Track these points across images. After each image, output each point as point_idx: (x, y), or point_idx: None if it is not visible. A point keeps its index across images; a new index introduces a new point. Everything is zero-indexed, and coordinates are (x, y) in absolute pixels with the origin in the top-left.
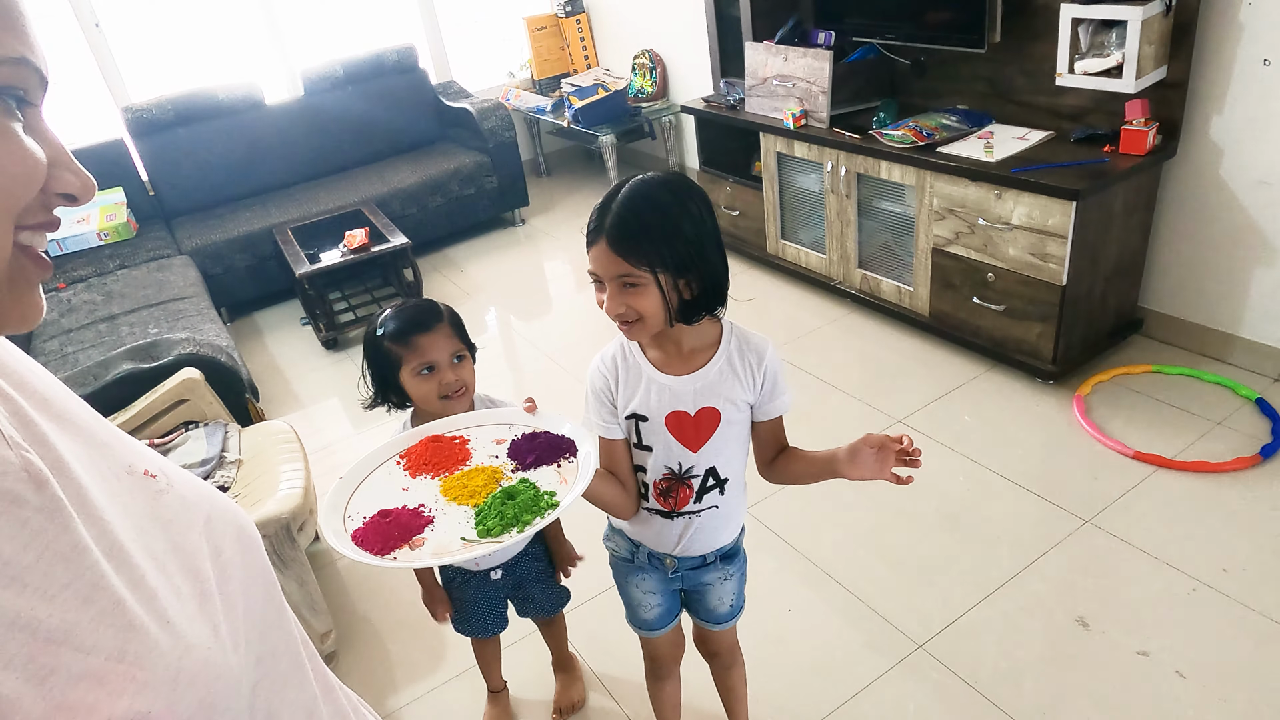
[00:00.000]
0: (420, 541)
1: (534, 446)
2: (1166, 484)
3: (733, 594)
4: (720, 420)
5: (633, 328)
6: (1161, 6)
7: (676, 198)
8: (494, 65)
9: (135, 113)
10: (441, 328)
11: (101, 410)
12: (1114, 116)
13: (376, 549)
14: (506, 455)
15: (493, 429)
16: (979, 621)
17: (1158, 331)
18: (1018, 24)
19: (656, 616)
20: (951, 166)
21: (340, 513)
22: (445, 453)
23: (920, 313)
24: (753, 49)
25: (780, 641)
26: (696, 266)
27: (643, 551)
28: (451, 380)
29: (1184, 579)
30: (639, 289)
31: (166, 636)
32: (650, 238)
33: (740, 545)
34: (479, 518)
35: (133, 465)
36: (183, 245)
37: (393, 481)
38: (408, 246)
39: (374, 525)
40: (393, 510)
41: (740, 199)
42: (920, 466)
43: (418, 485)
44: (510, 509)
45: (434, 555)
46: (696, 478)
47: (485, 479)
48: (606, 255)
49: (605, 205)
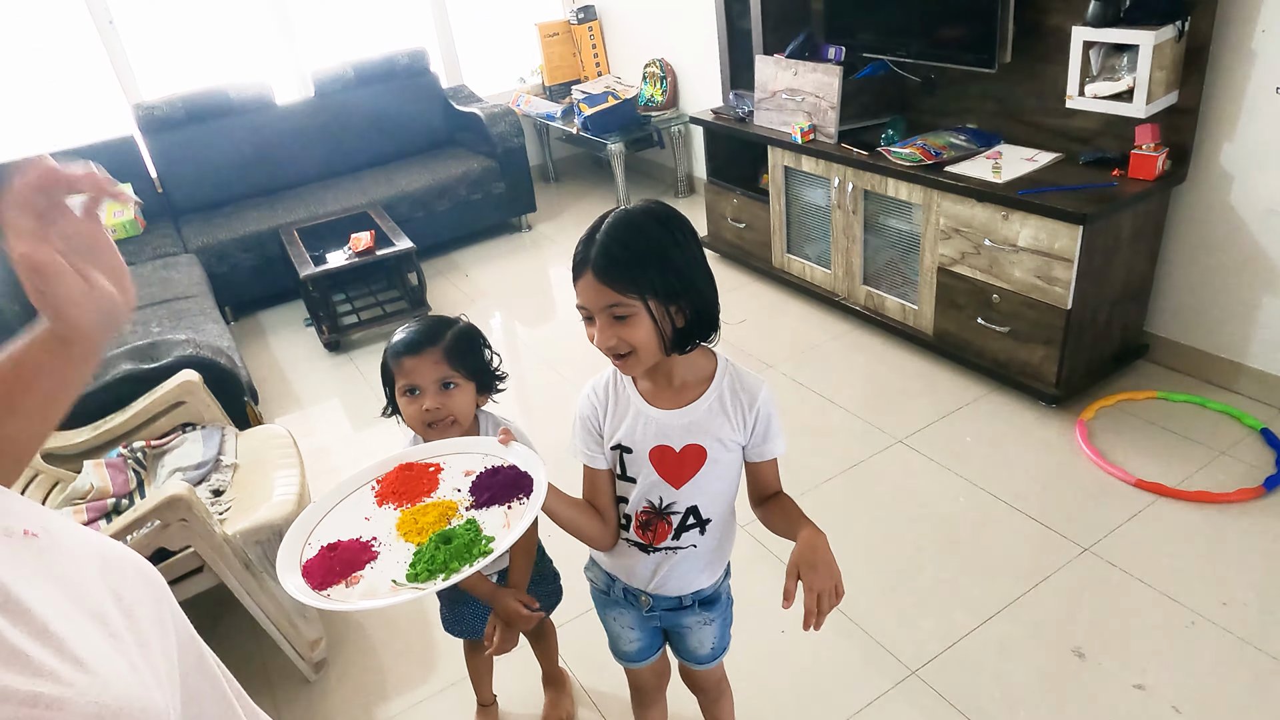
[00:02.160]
0: (357, 579)
1: (494, 483)
2: (1168, 513)
3: (714, 638)
4: (706, 459)
5: (626, 361)
6: (1174, 32)
7: (661, 225)
8: (505, 70)
9: (146, 110)
10: (431, 352)
11: (100, 410)
12: (1123, 140)
13: (316, 583)
14: (468, 490)
15: (467, 458)
16: (974, 648)
17: (1163, 357)
18: (1029, 45)
19: (636, 650)
20: (959, 186)
21: (303, 539)
22: (415, 482)
23: (924, 331)
24: (763, 62)
25: (772, 662)
26: (685, 293)
27: (618, 586)
28: (432, 408)
29: (1183, 611)
30: (629, 319)
31: (83, 677)
32: (637, 265)
33: (722, 591)
34: (415, 559)
35: (10, 527)
36: (189, 243)
37: (360, 509)
38: (412, 251)
39: (322, 557)
40: (341, 543)
41: (747, 212)
42: (807, 630)
43: (380, 515)
44: (442, 554)
45: (363, 597)
46: (676, 514)
47: (437, 515)
48: (594, 286)
49: (589, 237)
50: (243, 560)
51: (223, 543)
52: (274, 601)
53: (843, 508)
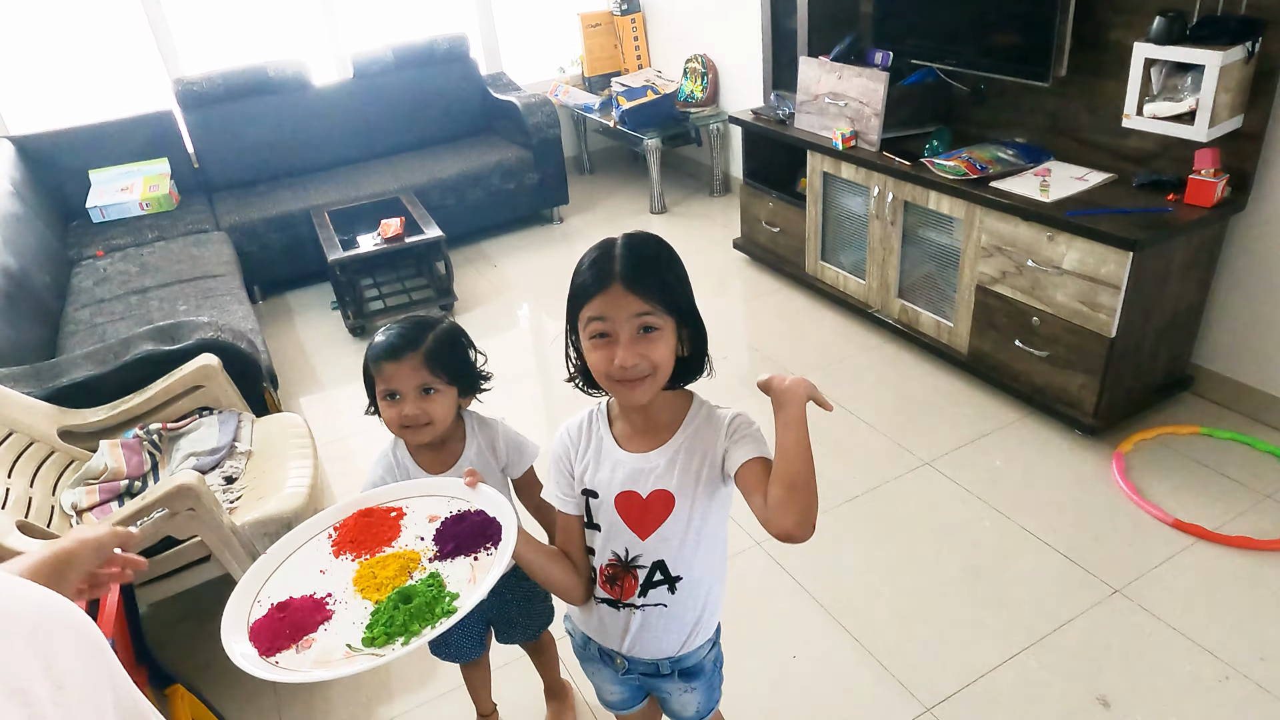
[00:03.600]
0: (309, 643)
1: (459, 531)
2: (1206, 557)
3: (698, 703)
4: (673, 507)
5: (641, 385)
6: (1243, 53)
7: (668, 248)
8: (545, 59)
9: (186, 85)
10: (412, 358)
11: (118, 391)
12: (1181, 164)
13: (264, 648)
14: (432, 538)
15: (431, 501)
16: (993, 689)
17: (1209, 391)
18: (1087, 59)
19: (619, 700)
20: (1003, 203)
21: (252, 596)
22: (375, 529)
23: (959, 350)
24: (807, 64)
25: (781, 688)
26: (693, 321)
27: (593, 646)
28: (410, 414)
29: (1216, 664)
30: (656, 334)
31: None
32: (663, 277)
33: (706, 661)
34: (372, 619)
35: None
36: (221, 221)
37: (316, 561)
38: (441, 240)
39: (270, 618)
40: (292, 601)
41: (782, 216)
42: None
43: (336, 568)
44: (401, 615)
45: (315, 664)
46: (643, 569)
47: (397, 568)
48: (622, 297)
49: (605, 254)
50: (250, 552)
51: (230, 534)
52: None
53: (865, 529)
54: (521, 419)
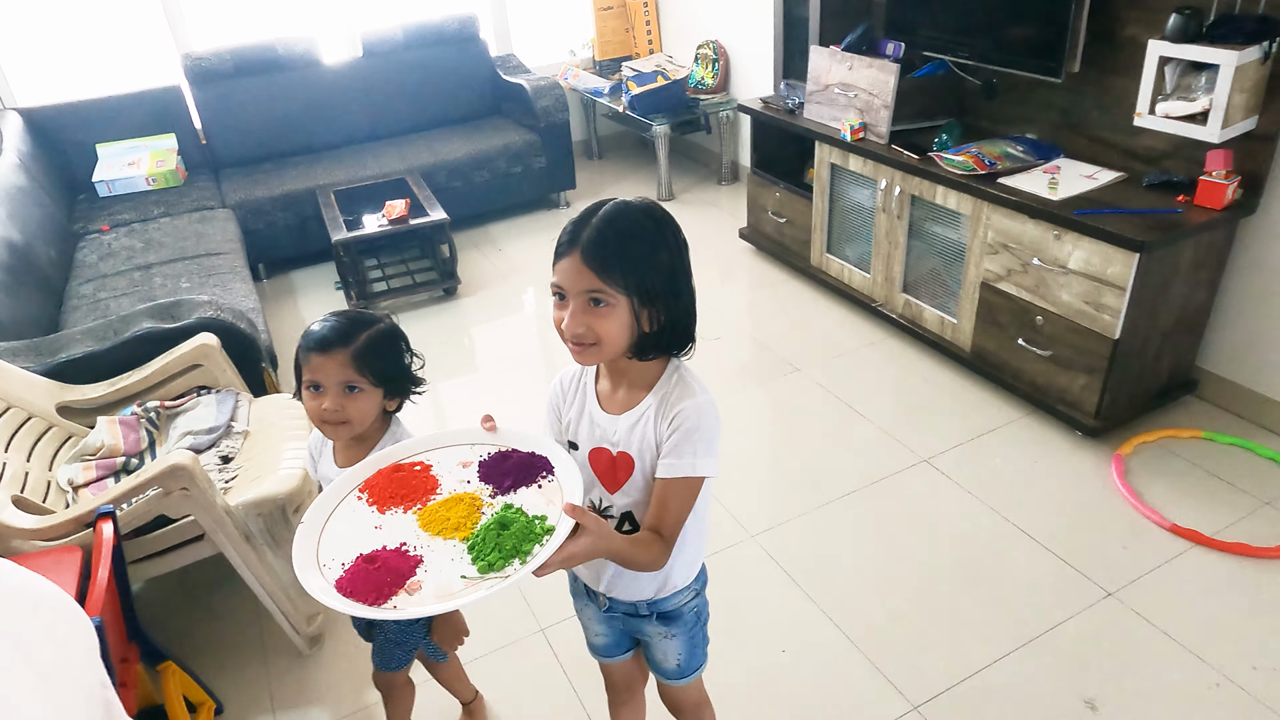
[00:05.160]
0: (416, 585)
1: (507, 468)
2: (1202, 563)
3: (678, 654)
4: (633, 469)
5: (587, 351)
6: (1260, 54)
7: (657, 225)
8: (555, 42)
9: (195, 60)
10: (339, 354)
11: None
12: (1192, 164)
13: (371, 598)
14: (479, 479)
15: (454, 450)
16: (981, 689)
17: (1212, 395)
18: (1100, 55)
19: (604, 645)
20: (1011, 200)
21: (314, 563)
22: (411, 482)
23: (961, 347)
24: (818, 53)
25: (769, 682)
26: (665, 300)
27: (580, 582)
28: (329, 409)
29: (1208, 671)
30: (605, 309)
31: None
32: (627, 257)
33: (686, 609)
34: (475, 552)
35: None
36: (227, 198)
37: (361, 519)
38: (446, 222)
39: (360, 572)
40: (377, 553)
41: (789, 206)
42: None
43: (391, 521)
44: (508, 539)
45: (439, 598)
46: (613, 518)
47: (466, 508)
48: (578, 268)
49: (583, 220)
50: (244, 532)
51: (224, 514)
52: (272, 574)
53: (860, 524)
54: (522, 403)
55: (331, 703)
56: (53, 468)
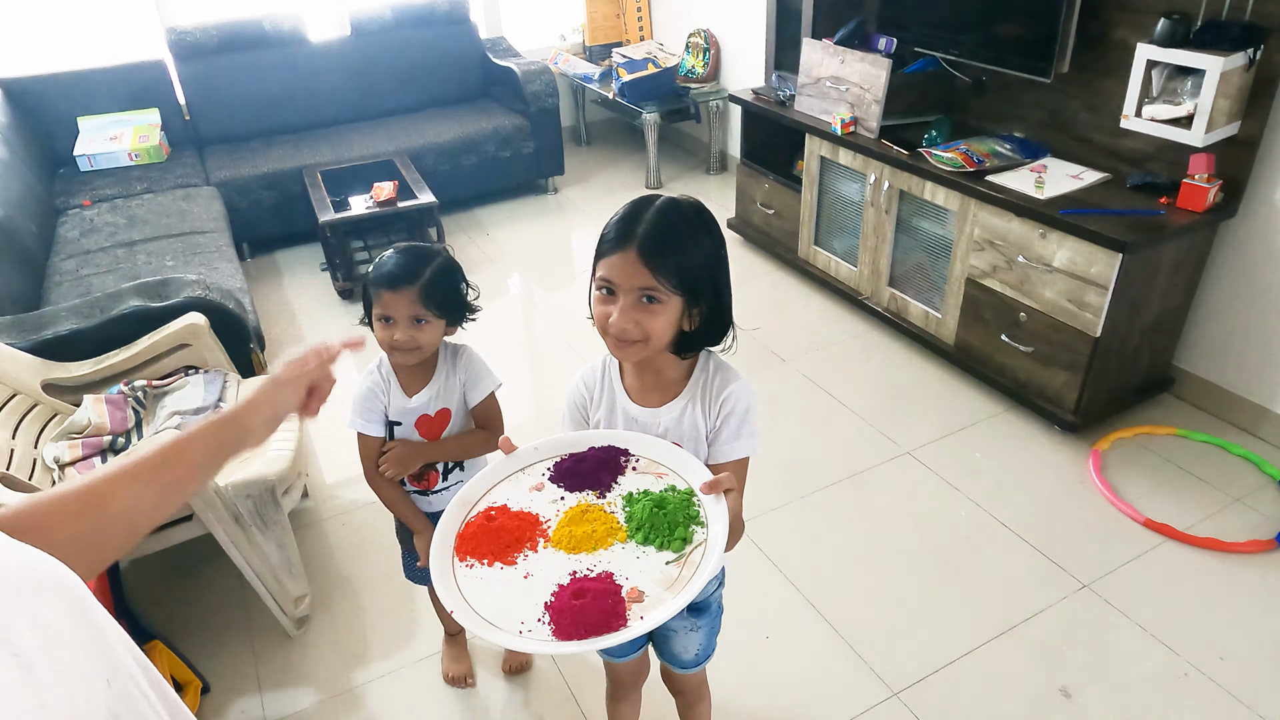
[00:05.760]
0: (635, 591)
1: (587, 470)
2: (1174, 557)
3: (699, 644)
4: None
5: (631, 348)
6: (1245, 60)
7: (705, 225)
8: (546, 26)
9: (179, 35)
10: (408, 291)
11: (103, 345)
12: (1176, 167)
13: (615, 624)
14: (570, 491)
15: (509, 483)
16: (958, 676)
17: (1188, 394)
18: (1089, 57)
19: (619, 646)
20: (998, 198)
21: (509, 636)
22: (509, 527)
23: (945, 341)
24: (810, 46)
25: (753, 669)
26: (709, 299)
27: None
28: (401, 340)
29: (1177, 661)
30: (657, 306)
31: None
32: (683, 256)
33: (713, 599)
34: (657, 541)
35: None
36: (212, 176)
37: (503, 577)
38: (434, 205)
39: (578, 610)
40: (582, 583)
41: (777, 198)
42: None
43: (533, 564)
44: (676, 513)
45: (670, 590)
46: None
47: (596, 515)
48: (634, 264)
49: (635, 214)
50: (232, 513)
51: (214, 495)
52: (260, 555)
53: (842, 516)
54: (508, 388)
55: (318, 684)
56: (38, 445)
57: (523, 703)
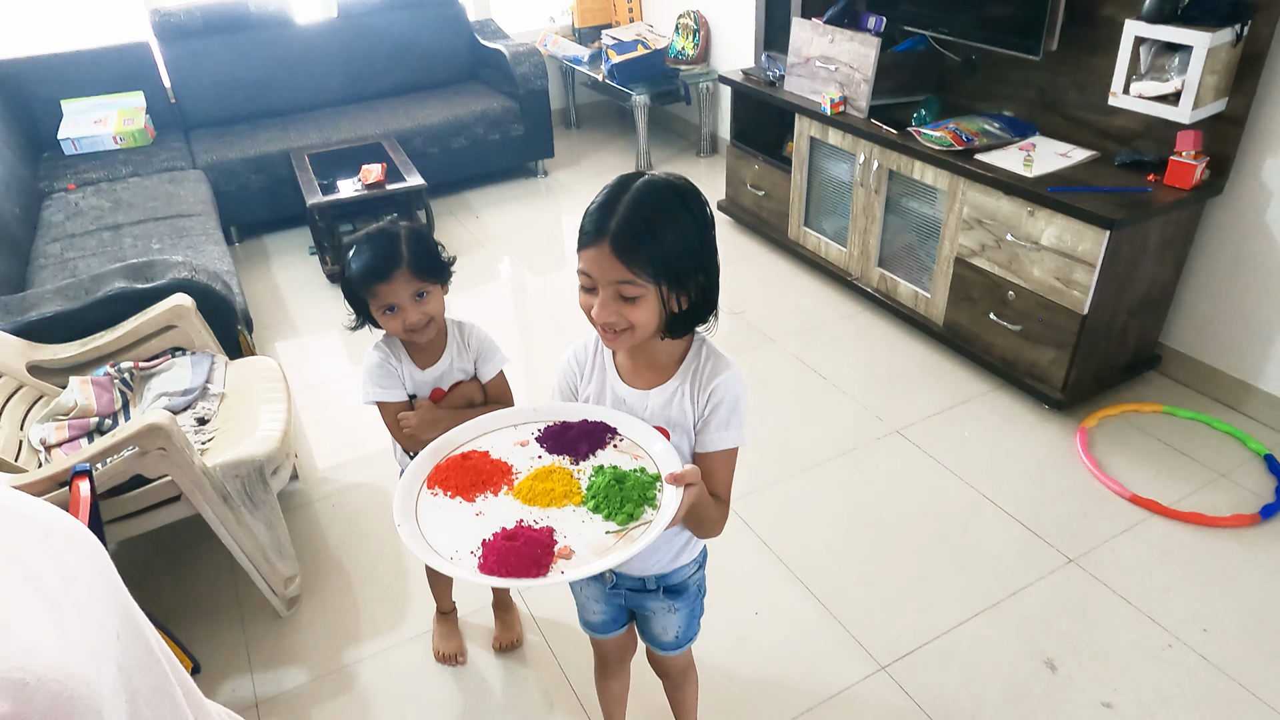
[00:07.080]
0: (567, 550)
1: (572, 437)
2: (1159, 532)
3: (678, 627)
4: (669, 440)
5: (619, 337)
6: (1232, 36)
7: (685, 205)
8: (535, 7)
9: (164, 16)
10: (400, 274)
11: (89, 327)
12: (1163, 144)
13: (534, 571)
14: (549, 453)
15: (500, 434)
16: (946, 650)
17: (1174, 371)
18: (1078, 35)
19: (601, 622)
20: (987, 176)
21: (437, 557)
22: (483, 469)
23: (934, 321)
24: (799, 25)
25: (742, 645)
26: (696, 280)
27: None
28: (413, 320)
29: (1161, 633)
30: (637, 299)
31: (4, 641)
32: (658, 246)
33: (691, 582)
34: (605, 510)
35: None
36: (198, 159)
37: (456, 510)
38: (423, 188)
39: (507, 550)
40: (518, 529)
41: (767, 179)
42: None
43: (489, 506)
44: (632, 490)
45: (598, 555)
46: None
47: (561, 477)
48: (607, 259)
49: (609, 204)
50: (221, 493)
51: (202, 475)
52: (249, 535)
53: (832, 494)
54: None
55: (309, 663)
56: (24, 427)
57: (513, 680)
